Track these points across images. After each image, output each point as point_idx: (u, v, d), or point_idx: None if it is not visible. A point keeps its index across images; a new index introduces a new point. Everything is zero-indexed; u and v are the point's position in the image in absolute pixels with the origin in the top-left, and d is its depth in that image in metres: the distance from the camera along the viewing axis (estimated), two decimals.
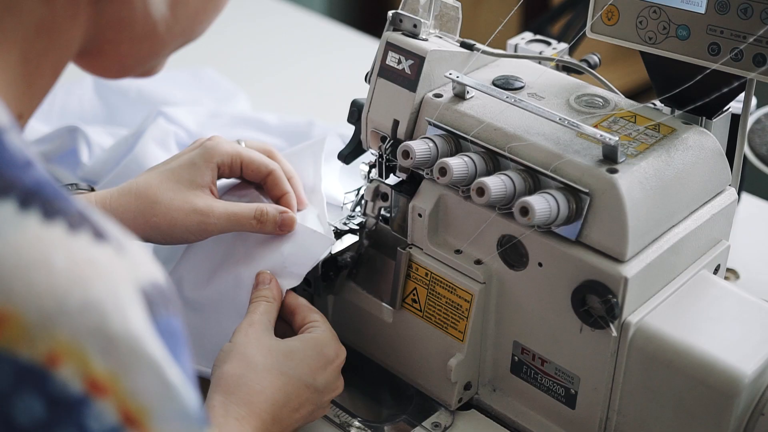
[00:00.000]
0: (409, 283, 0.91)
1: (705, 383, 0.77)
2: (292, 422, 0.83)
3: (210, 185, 0.92)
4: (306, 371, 0.84)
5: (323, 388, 0.85)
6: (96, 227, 0.48)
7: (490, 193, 0.78)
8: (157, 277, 0.49)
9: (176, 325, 0.49)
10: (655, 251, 0.80)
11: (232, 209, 0.91)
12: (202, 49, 1.63)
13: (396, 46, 0.89)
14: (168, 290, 0.50)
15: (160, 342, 0.47)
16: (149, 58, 0.61)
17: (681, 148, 0.83)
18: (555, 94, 0.89)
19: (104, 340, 0.45)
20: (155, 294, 0.48)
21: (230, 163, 0.93)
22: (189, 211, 0.90)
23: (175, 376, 0.47)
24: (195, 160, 0.92)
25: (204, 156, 0.92)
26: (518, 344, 0.88)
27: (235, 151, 0.93)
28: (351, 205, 0.98)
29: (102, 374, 0.45)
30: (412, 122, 0.89)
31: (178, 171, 0.92)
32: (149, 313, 0.47)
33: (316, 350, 0.85)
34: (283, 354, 0.83)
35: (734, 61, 0.82)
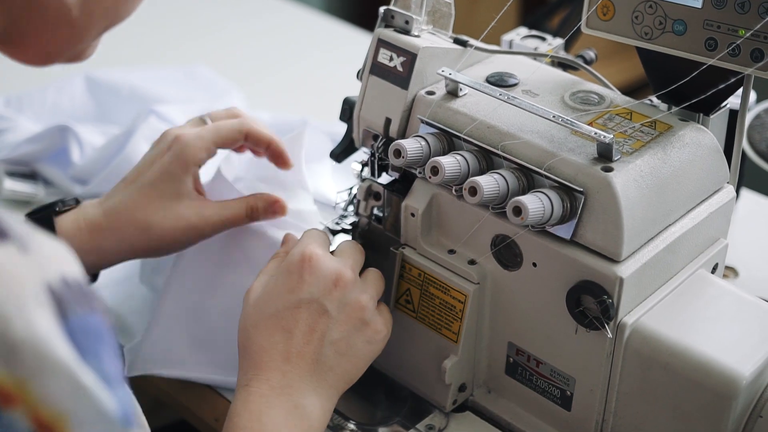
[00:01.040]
0: (402, 283, 0.90)
1: (702, 385, 0.76)
2: (316, 345, 0.80)
3: (194, 188, 0.91)
4: (286, 297, 0.81)
5: (314, 293, 0.80)
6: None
7: (482, 193, 0.77)
8: (69, 273, 0.47)
9: (93, 322, 0.47)
10: (651, 251, 0.79)
11: (225, 214, 0.91)
12: (195, 46, 1.62)
13: (388, 42, 0.88)
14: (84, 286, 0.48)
15: (70, 343, 0.45)
16: (72, 43, 0.59)
17: (677, 145, 0.81)
18: (550, 90, 0.87)
19: (6, 348, 0.43)
20: (66, 292, 0.46)
21: (207, 155, 0.92)
22: (185, 228, 0.89)
23: (89, 378, 0.45)
24: (171, 170, 0.90)
25: (180, 164, 0.90)
26: (513, 345, 0.87)
27: (206, 147, 0.91)
28: (343, 204, 0.97)
29: (7, 383, 0.43)
30: (404, 120, 0.88)
31: (159, 186, 0.90)
32: (59, 313, 0.45)
33: (283, 272, 0.82)
34: (263, 301, 0.81)
35: (731, 56, 0.80)
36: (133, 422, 0.49)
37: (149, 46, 1.59)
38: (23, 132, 1.21)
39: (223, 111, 0.97)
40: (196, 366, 0.94)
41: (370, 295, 0.84)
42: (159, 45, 1.59)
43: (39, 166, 1.18)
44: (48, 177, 1.18)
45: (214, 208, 0.91)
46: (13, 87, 1.33)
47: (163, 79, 1.35)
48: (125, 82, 1.30)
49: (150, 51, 1.58)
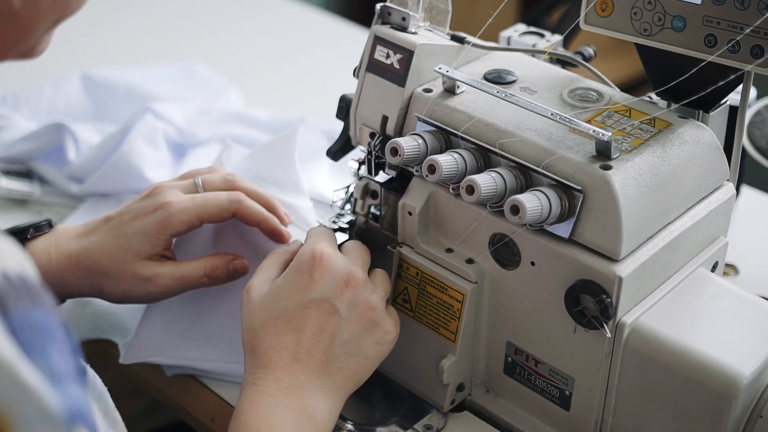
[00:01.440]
0: (399, 282, 0.89)
1: (702, 385, 0.75)
2: (326, 345, 0.79)
3: (160, 253, 0.90)
4: (296, 297, 0.80)
5: (325, 293, 0.80)
6: None
7: (480, 191, 0.76)
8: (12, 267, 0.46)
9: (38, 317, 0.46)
10: (651, 249, 0.78)
11: (178, 273, 0.89)
12: (193, 44, 1.62)
13: (384, 39, 0.87)
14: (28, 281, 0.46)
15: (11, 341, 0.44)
16: (20, 38, 0.57)
17: (677, 143, 0.81)
18: (548, 88, 0.87)
19: None
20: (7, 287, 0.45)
21: (187, 228, 0.90)
22: (137, 281, 0.88)
23: (31, 376, 0.44)
24: (149, 232, 0.88)
25: (158, 231, 0.88)
26: (511, 345, 0.86)
27: (189, 221, 0.89)
28: (340, 202, 0.96)
29: None
30: (401, 118, 0.87)
31: (133, 242, 0.88)
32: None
33: (294, 272, 0.81)
34: (272, 300, 0.81)
35: (731, 52, 0.79)
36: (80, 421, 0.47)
37: (146, 44, 1.58)
38: (19, 130, 1.21)
39: (219, 178, 0.93)
40: (190, 354, 0.93)
41: (380, 296, 0.83)
42: (156, 43, 1.58)
43: (35, 164, 1.18)
44: (44, 175, 1.17)
45: (169, 267, 0.89)
46: (8, 85, 1.32)
47: (160, 76, 1.35)
48: (122, 79, 1.29)
49: (147, 49, 1.57)
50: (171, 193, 0.90)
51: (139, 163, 1.12)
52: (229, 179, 0.93)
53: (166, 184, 0.92)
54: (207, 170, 0.95)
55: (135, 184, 1.13)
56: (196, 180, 0.93)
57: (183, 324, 0.94)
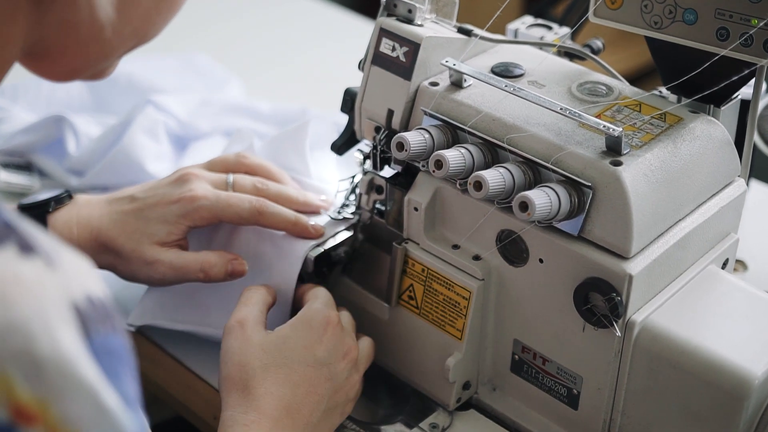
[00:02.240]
0: (405, 279, 0.88)
1: (713, 385, 0.74)
2: (314, 406, 0.80)
3: (175, 241, 0.90)
4: (303, 352, 0.81)
5: (328, 359, 0.82)
6: (23, 239, 0.44)
7: (488, 187, 0.75)
8: (94, 291, 0.46)
9: (116, 342, 0.46)
10: (661, 247, 0.77)
11: (177, 263, 0.89)
12: (194, 36, 1.60)
13: (390, 32, 0.86)
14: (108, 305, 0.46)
15: (94, 363, 0.44)
16: (98, 61, 0.58)
17: (688, 138, 0.79)
18: (556, 81, 0.85)
19: (31, 365, 0.42)
20: (91, 310, 0.45)
21: (207, 224, 0.90)
22: (140, 263, 0.89)
23: (111, 399, 0.44)
24: (169, 218, 0.89)
25: (179, 218, 0.89)
26: (519, 342, 0.85)
27: (212, 214, 0.89)
28: (346, 192, 0.94)
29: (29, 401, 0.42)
30: (407, 112, 0.86)
31: (150, 226, 0.89)
32: (83, 331, 0.44)
33: (306, 328, 0.83)
34: (277, 347, 0.81)
35: (744, 46, 0.78)
36: None
37: None
38: (18, 122, 1.19)
39: (250, 183, 0.93)
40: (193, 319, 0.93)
41: (360, 375, 0.87)
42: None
43: (34, 157, 1.16)
44: (43, 168, 1.16)
45: (170, 255, 0.89)
46: (7, 76, 1.30)
47: (161, 68, 1.33)
48: (122, 71, 1.27)
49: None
50: (198, 185, 0.90)
51: (139, 156, 1.10)
52: (260, 187, 0.92)
53: (196, 171, 0.92)
54: (235, 158, 0.94)
55: (135, 177, 1.11)
56: (228, 179, 0.92)
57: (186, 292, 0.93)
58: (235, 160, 0.95)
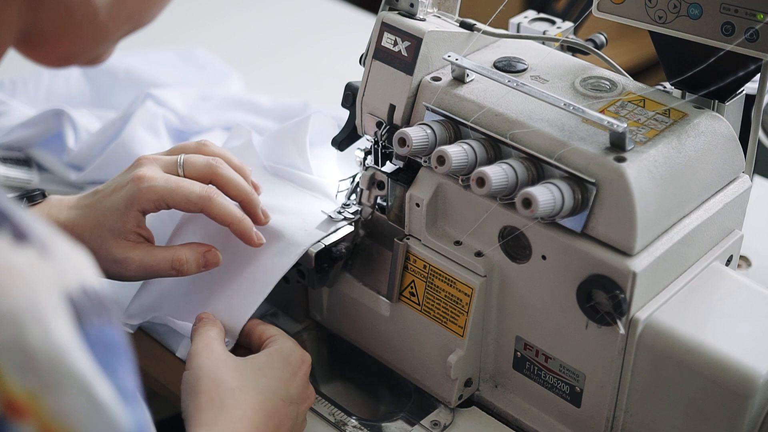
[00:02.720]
0: (406, 275, 0.87)
1: (717, 383, 0.73)
2: None
3: (134, 231, 0.86)
4: (278, 384, 0.80)
5: (297, 398, 0.82)
6: (18, 227, 0.44)
7: (491, 184, 0.74)
8: (89, 281, 0.45)
9: (111, 334, 0.45)
10: (665, 244, 0.76)
11: (147, 261, 0.86)
12: (195, 30, 1.59)
13: (392, 26, 0.85)
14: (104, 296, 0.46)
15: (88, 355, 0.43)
16: (93, 46, 0.57)
17: (692, 134, 0.78)
18: (559, 76, 0.84)
19: (22, 356, 0.41)
20: (85, 301, 0.44)
21: (155, 207, 0.86)
22: (110, 261, 0.86)
23: (106, 393, 0.43)
24: (119, 205, 0.85)
25: (127, 202, 0.85)
26: (521, 339, 0.84)
27: (155, 201, 0.85)
28: (347, 192, 0.94)
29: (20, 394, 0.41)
30: (409, 107, 0.85)
31: (107, 217, 0.86)
32: (77, 323, 0.43)
33: (283, 361, 0.82)
34: (254, 371, 0.80)
35: (749, 41, 0.77)
36: None
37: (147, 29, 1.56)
38: (17, 116, 1.18)
39: (202, 162, 0.88)
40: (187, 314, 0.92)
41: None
42: (157, 29, 1.56)
43: (33, 151, 1.15)
44: (42, 163, 1.15)
45: (140, 252, 0.86)
46: (6, 70, 1.29)
47: (160, 61, 1.32)
48: (122, 65, 1.27)
49: (148, 34, 1.54)
50: (148, 168, 0.87)
51: (139, 150, 1.09)
52: (212, 164, 0.88)
53: (150, 156, 0.89)
54: (196, 146, 0.91)
55: None
56: (178, 159, 0.88)
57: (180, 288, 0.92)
58: (196, 146, 0.91)
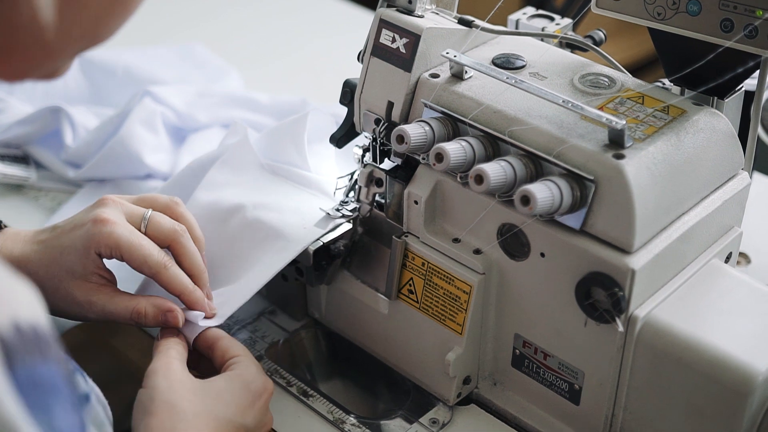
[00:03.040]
0: (404, 272, 0.87)
1: (716, 380, 0.73)
2: None
3: (95, 273, 0.84)
4: (235, 411, 0.77)
5: (253, 426, 0.79)
6: None
7: (489, 181, 0.74)
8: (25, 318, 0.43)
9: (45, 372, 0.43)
10: (664, 241, 0.76)
11: (108, 309, 0.84)
12: (193, 28, 1.58)
13: (390, 23, 0.85)
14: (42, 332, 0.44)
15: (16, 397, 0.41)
16: (45, 63, 0.56)
17: (691, 131, 0.78)
18: (558, 73, 0.84)
19: None
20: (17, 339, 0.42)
21: (109, 254, 0.83)
22: (71, 303, 0.84)
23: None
24: (77, 245, 0.83)
25: (86, 242, 0.82)
26: (520, 337, 0.84)
27: (115, 245, 0.82)
28: (345, 190, 0.93)
29: None
30: (407, 104, 0.85)
31: (64, 256, 0.83)
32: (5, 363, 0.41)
33: (243, 388, 0.79)
34: (211, 396, 0.77)
35: (748, 38, 0.77)
36: None
37: (146, 27, 1.55)
38: (15, 113, 1.18)
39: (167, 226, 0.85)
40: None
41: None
42: (156, 27, 1.55)
43: (31, 148, 1.15)
44: (40, 160, 1.15)
45: (103, 297, 0.84)
46: None
47: (158, 58, 1.32)
48: (120, 62, 1.26)
49: (147, 32, 1.54)
50: (112, 211, 0.84)
51: (137, 147, 1.09)
52: (177, 231, 0.85)
53: (115, 198, 0.86)
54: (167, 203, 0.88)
55: (133, 169, 1.10)
56: (145, 213, 0.86)
57: None
58: (166, 204, 0.88)
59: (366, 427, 0.86)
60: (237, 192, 0.93)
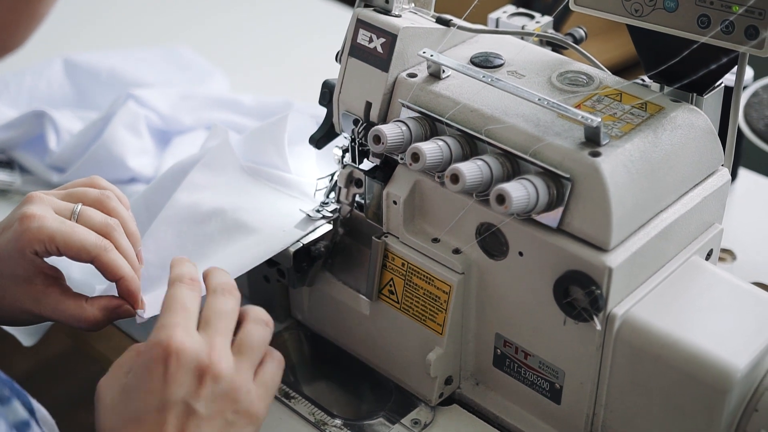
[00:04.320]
0: (385, 273, 0.86)
1: (695, 378, 0.73)
2: None
3: (37, 274, 0.81)
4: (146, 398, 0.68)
5: (180, 393, 0.67)
6: None
7: (465, 180, 0.73)
8: None
9: None
10: (642, 239, 0.75)
11: (56, 315, 0.81)
12: (177, 29, 1.58)
13: (366, 23, 0.84)
14: None
15: None
16: None
17: (669, 127, 0.78)
18: (536, 71, 0.84)
19: None
20: None
21: (45, 250, 0.79)
22: (18, 310, 0.81)
23: None
24: (8, 248, 0.79)
25: (17, 243, 0.79)
26: (501, 337, 0.84)
27: (48, 238, 0.78)
28: (325, 191, 0.93)
29: None
30: (385, 104, 0.84)
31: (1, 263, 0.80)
32: None
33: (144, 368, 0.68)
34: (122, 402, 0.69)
35: (725, 33, 0.76)
36: None
37: (131, 29, 1.55)
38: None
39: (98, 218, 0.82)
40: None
41: (244, 376, 0.70)
42: (141, 29, 1.55)
43: (15, 153, 1.15)
44: (25, 164, 1.15)
45: (50, 302, 0.81)
46: None
47: (143, 60, 1.32)
48: (104, 64, 1.26)
49: (132, 35, 1.54)
50: (38, 206, 0.80)
51: (120, 151, 1.09)
52: (110, 225, 0.82)
53: (40, 194, 0.83)
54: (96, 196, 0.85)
55: (117, 173, 1.10)
56: (75, 208, 0.82)
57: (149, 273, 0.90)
58: (96, 197, 0.85)
59: (348, 429, 0.86)
60: (217, 194, 0.93)
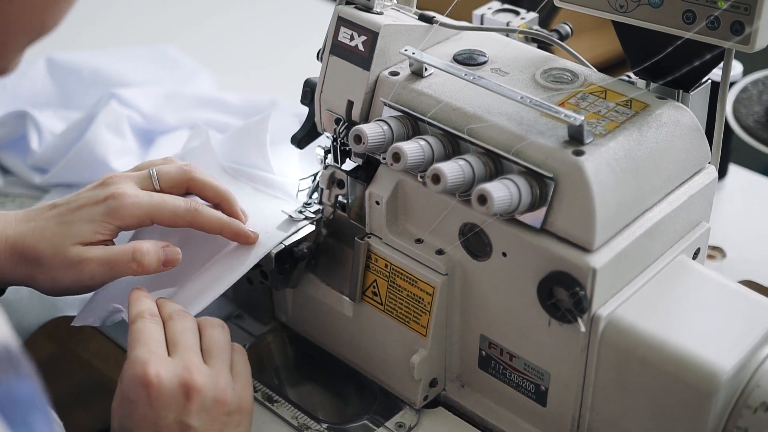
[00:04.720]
0: (368, 274, 0.85)
1: (681, 380, 0.72)
2: None
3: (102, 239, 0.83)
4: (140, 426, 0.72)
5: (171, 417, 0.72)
6: None
7: (446, 180, 0.72)
8: None
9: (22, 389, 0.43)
10: (627, 238, 0.74)
11: (105, 256, 0.82)
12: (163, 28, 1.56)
13: (348, 20, 0.83)
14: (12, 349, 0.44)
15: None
16: None
17: (654, 125, 0.77)
18: (520, 69, 0.83)
19: None
20: None
21: (137, 224, 0.84)
22: (66, 267, 0.82)
23: None
24: (95, 216, 0.82)
25: (106, 216, 0.83)
26: (485, 338, 0.82)
27: (143, 212, 0.83)
28: (308, 191, 0.92)
29: None
30: (367, 103, 0.83)
31: (73, 227, 0.82)
32: None
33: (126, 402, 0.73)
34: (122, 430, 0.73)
35: (710, 29, 0.75)
36: None
37: (116, 29, 1.54)
38: None
39: (174, 169, 0.87)
40: None
41: (224, 380, 0.75)
42: (125, 26, 1.54)
43: None
44: (6, 165, 1.14)
45: (98, 250, 0.82)
46: None
47: (128, 60, 1.30)
48: (88, 63, 1.25)
49: (116, 32, 1.52)
50: (126, 185, 0.85)
51: (103, 152, 1.08)
52: (186, 170, 0.87)
53: (121, 174, 0.87)
54: (162, 161, 0.90)
55: (99, 173, 1.07)
56: (151, 171, 0.87)
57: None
58: (162, 162, 0.90)
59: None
60: None
